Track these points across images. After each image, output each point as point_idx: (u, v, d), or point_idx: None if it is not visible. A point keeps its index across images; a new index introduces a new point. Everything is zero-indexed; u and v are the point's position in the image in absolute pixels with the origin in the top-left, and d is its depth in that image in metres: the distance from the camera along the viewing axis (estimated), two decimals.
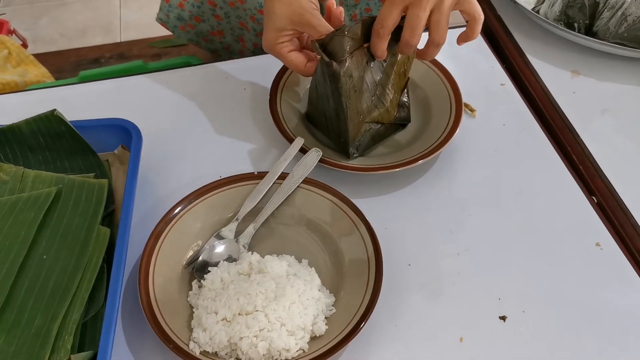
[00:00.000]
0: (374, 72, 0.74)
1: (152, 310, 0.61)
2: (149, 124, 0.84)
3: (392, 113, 0.78)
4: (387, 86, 0.76)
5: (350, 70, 0.71)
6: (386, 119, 0.78)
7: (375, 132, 0.78)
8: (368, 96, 0.74)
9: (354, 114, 0.73)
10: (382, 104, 0.76)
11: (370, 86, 0.74)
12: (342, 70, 0.70)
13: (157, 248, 0.66)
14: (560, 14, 0.92)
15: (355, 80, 0.72)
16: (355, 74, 0.71)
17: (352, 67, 0.71)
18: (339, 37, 0.69)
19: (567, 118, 0.84)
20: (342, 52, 0.70)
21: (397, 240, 0.72)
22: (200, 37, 1.03)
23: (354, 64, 0.71)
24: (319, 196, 0.72)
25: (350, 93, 0.72)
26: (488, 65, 0.94)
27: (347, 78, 0.71)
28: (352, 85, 0.72)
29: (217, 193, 0.72)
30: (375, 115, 0.76)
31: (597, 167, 0.79)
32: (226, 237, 0.69)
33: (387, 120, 0.78)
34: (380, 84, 0.75)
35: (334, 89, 0.71)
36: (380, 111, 0.76)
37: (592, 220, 0.74)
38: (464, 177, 0.79)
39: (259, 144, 0.82)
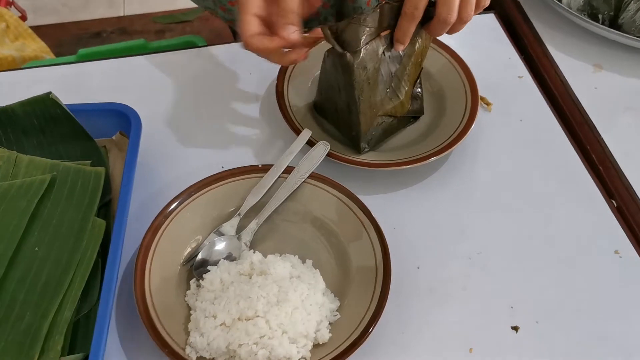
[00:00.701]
0: (390, 63, 0.70)
1: (147, 311, 0.58)
2: (150, 108, 0.80)
3: (407, 106, 0.74)
4: (403, 78, 0.72)
5: (365, 62, 0.67)
6: (400, 111, 0.74)
7: (388, 125, 0.74)
8: (382, 88, 0.70)
9: (366, 107, 0.70)
10: (397, 96, 0.72)
11: (385, 78, 0.70)
12: (356, 61, 0.66)
13: (155, 243, 0.63)
14: (584, 4, 0.87)
15: (369, 72, 0.67)
16: (370, 66, 0.67)
17: (366, 59, 0.67)
18: (355, 25, 0.65)
19: (588, 115, 0.80)
20: (356, 42, 0.66)
21: (406, 241, 0.69)
22: (217, 5, 0.98)
23: (369, 55, 0.67)
24: (326, 193, 0.68)
25: (363, 86, 0.68)
26: (506, 55, 0.90)
27: (361, 70, 0.67)
28: (366, 78, 0.68)
29: (218, 186, 0.68)
30: (389, 108, 0.72)
31: (617, 168, 0.75)
32: (227, 233, 0.66)
33: (400, 113, 0.74)
34: (396, 75, 0.71)
35: (347, 81, 0.67)
36: (395, 104, 0.73)
37: (611, 226, 0.71)
38: (477, 175, 0.75)
39: (264, 133, 0.79)
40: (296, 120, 0.74)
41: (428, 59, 0.78)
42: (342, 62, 0.66)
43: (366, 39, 0.66)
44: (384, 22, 0.68)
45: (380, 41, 0.68)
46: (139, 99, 0.81)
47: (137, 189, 0.71)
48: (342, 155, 0.71)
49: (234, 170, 0.69)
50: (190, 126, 0.79)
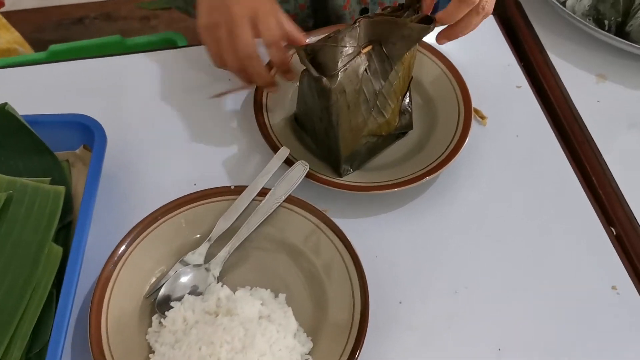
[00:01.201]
0: (374, 81, 0.64)
1: (101, 351, 0.54)
2: (120, 116, 0.75)
3: (394, 123, 0.69)
4: (389, 95, 0.66)
5: (343, 86, 0.61)
6: (386, 130, 0.69)
7: (373, 144, 0.69)
8: (366, 108, 0.65)
9: (346, 131, 0.64)
10: (383, 115, 0.67)
11: (369, 97, 0.64)
12: (333, 86, 0.60)
13: (115, 274, 0.58)
14: (589, 9, 0.81)
15: (349, 95, 0.62)
16: (350, 89, 0.61)
17: (345, 82, 0.61)
18: (331, 46, 0.59)
19: (589, 132, 0.75)
20: (333, 65, 0.60)
21: (388, 272, 0.64)
22: (189, 4, 0.92)
23: (348, 78, 0.61)
24: (303, 219, 0.63)
25: (342, 111, 0.62)
26: (504, 62, 0.84)
27: (339, 95, 0.61)
28: (345, 102, 0.62)
29: (187, 209, 0.63)
30: (374, 127, 0.67)
31: (618, 192, 0.70)
32: (195, 262, 0.61)
33: (387, 131, 0.69)
34: (381, 93, 0.65)
35: (324, 106, 0.62)
36: (380, 123, 0.67)
37: (609, 258, 0.66)
38: (467, 197, 0.70)
39: (242, 147, 0.73)
40: (274, 135, 0.69)
41: (418, 66, 0.72)
42: (317, 86, 0.60)
43: (344, 60, 0.60)
44: (364, 39, 0.62)
45: (361, 59, 0.62)
46: (108, 105, 0.76)
47: (100, 210, 0.66)
48: (322, 176, 0.66)
49: (204, 191, 0.64)
50: (163, 137, 0.74)
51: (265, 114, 0.70)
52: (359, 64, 0.62)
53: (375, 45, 0.63)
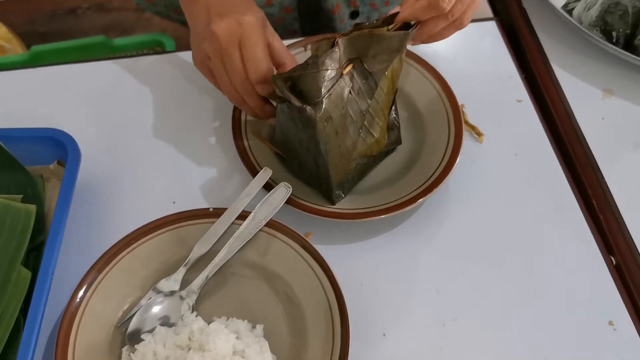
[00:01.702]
0: (360, 101, 0.60)
1: None
2: (98, 128, 0.72)
3: (383, 142, 0.65)
4: (377, 113, 0.62)
5: (329, 112, 0.57)
6: (376, 149, 0.65)
7: (363, 165, 0.65)
8: (354, 131, 0.61)
9: (336, 158, 0.61)
10: (372, 135, 0.63)
11: (356, 118, 0.61)
12: (318, 115, 0.56)
13: (85, 303, 0.56)
14: (597, 19, 0.77)
15: (336, 121, 0.58)
16: (336, 114, 0.58)
17: (331, 108, 0.57)
18: (312, 73, 0.56)
19: (592, 152, 0.71)
20: (316, 92, 0.56)
21: (372, 301, 0.61)
22: (170, 10, 0.88)
23: (334, 103, 0.57)
24: (284, 245, 0.60)
25: (330, 138, 0.59)
26: (505, 73, 0.79)
27: (326, 122, 0.57)
28: (333, 129, 0.58)
29: (163, 232, 0.60)
30: (364, 149, 0.63)
31: (620, 218, 0.66)
32: (169, 289, 0.58)
33: (377, 151, 0.65)
34: (368, 112, 0.61)
35: (310, 136, 0.58)
36: (369, 143, 0.64)
37: (607, 290, 0.62)
38: (459, 221, 0.67)
39: (223, 163, 0.70)
40: (254, 158, 0.65)
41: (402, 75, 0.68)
42: (302, 117, 0.56)
43: (327, 85, 0.56)
44: (344, 58, 0.58)
45: (345, 81, 0.58)
46: (88, 115, 0.74)
47: (73, 230, 0.64)
48: (304, 202, 0.63)
49: (181, 214, 0.61)
50: (142, 152, 0.71)
51: (245, 136, 0.67)
52: (343, 86, 0.58)
53: (356, 63, 0.60)
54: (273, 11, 0.86)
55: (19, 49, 1.12)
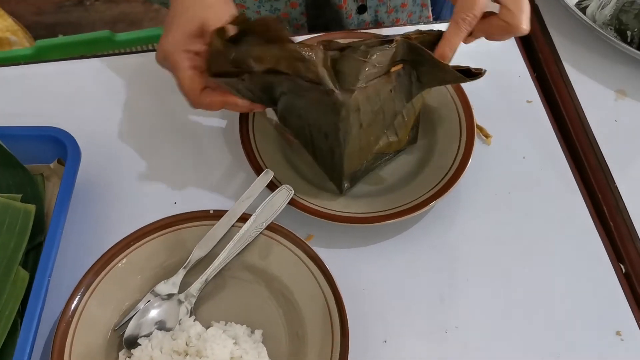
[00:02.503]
0: (398, 101, 0.59)
1: None
2: (99, 126, 0.72)
3: (404, 141, 0.64)
4: (409, 115, 0.61)
5: (359, 104, 0.55)
6: (395, 148, 0.64)
7: (377, 162, 0.64)
8: (380, 128, 0.60)
9: (354, 150, 0.59)
10: (396, 134, 0.62)
11: (387, 117, 0.59)
12: (347, 102, 0.54)
13: (82, 305, 0.55)
14: (611, 18, 0.75)
15: (363, 115, 0.56)
16: (367, 108, 0.56)
17: (362, 100, 0.55)
18: (357, 60, 0.54)
19: (603, 156, 0.69)
20: (353, 79, 0.54)
21: (375, 307, 0.60)
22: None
23: (367, 96, 0.56)
24: (285, 249, 0.59)
25: (352, 129, 0.57)
26: (515, 72, 0.78)
27: (353, 113, 0.55)
28: (357, 121, 0.57)
29: (162, 235, 0.60)
30: (384, 146, 0.62)
31: (630, 226, 0.65)
32: (167, 292, 0.57)
33: (396, 149, 0.64)
34: (401, 113, 0.60)
35: (332, 122, 0.56)
36: (391, 141, 0.62)
37: (615, 299, 0.61)
38: (465, 226, 0.65)
39: (226, 163, 0.69)
40: (259, 156, 0.64)
41: None
42: (328, 100, 0.54)
43: (369, 76, 0.54)
44: (396, 58, 0.56)
45: (389, 79, 0.57)
46: (89, 111, 0.73)
47: (73, 230, 0.63)
48: (308, 204, 0.61)
49: (180, 216, 0.60)
50: (144, 150, 0.70)
51: (252, 133, 0.66)
52: (384, 83, 0.56)
53: (407, 65, 0.58)
54: (279, 6, 0.85)
55: (25, 41, 1.11)
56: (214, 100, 0.59)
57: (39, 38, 1.25)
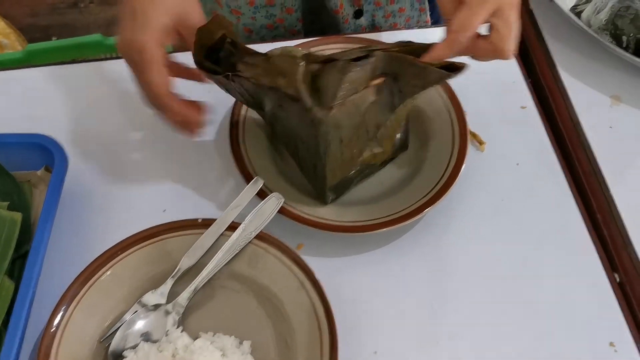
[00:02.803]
0: (380, 114, 0.58)
1: None
2: (87, 132, 0.71)
3: (389, 152, 0.63)
4: (393, 126, 0.60)
5: (339, 120, 0.55)
6: (381, 158, 0.63)
7: (363, 172, 0.63)
8: (363, 140, 0.59)
9: (336, 164, 0.58)
10: (380, 146, 0.61)
11: (370, 130, 0.58)
12: (327, 120, 0.54)
13: (68, 317, 0.54)
14: (607, 23, 0.74)
15: (344, 130, 0.56)
16: (347, 123, 0.55)
17: (341, 117, 0.54)
18: (335, 75, 0.53)
19: (597, 163, 0.68)
20: (331, 95, 0.53)
21: (365, 317, 0.59)
22: None
23: (347, 112, 0.55)
24: (274, 258, 0.58)
25: (333, 144, 0.56)
26: (509, 77, 0.77)
27: (333, 129, 0.55)
28: (338, 137, 0.56)
29: (150, 244, 0.59)
30: (368, 157, 0.61)
31: (625, 234, 0.64)
32: (155, 302, 0.56)
33: (380, 160, 0.63)
34: (385, 125, 0.59)
35: (312, 135, 0.56)
36: (375, 152, 0.61)
37: (609, 309, 0.60)
38: (457, 235, 0.64)
39: (216, 170, 0.68)
40: (250, 163, 0.63)
41: None
42: (308, 116, 0.54)
43: (347, 93, 0.54)
44: (376, 71, 0.56)
45: (369, 92, 0.56)
46: (78, 117, 0.72)
47: (60, 238, 0.62)
48: (298, 212, 0.61)
49: (168, 225, 0.60)
50: (133, 156, 0.69)
51: (242, 140, 0.65)
52: (365, 97, 0.55)
53: (389, 78, 0.57)
54: (275, 12, 0.84)
55: (17, 44, 1.10)
56: (176, 105, 0.58)
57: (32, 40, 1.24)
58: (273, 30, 0.86)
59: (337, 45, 0.71)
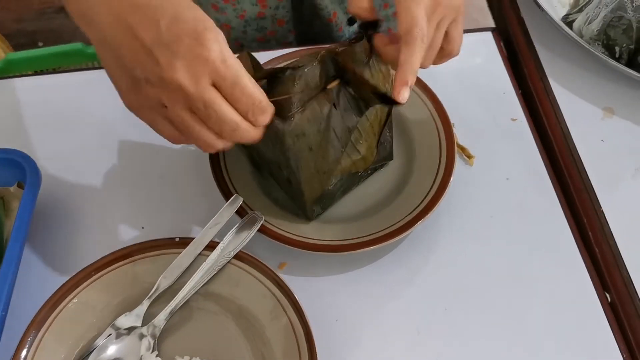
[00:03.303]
0: (347, 117, 0.56)
1: None
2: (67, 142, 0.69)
3: (370, 158, 0.61)
4: (365, 129, 0.58)
5: (302, 128, 0.53)
6: (362, 166, 0.61)
7: (347, 182, 0.62)
8: (337, 146, 0.57)
9: (311, 175, 0.56)
10: (357, 151, 0.59)
11: (340, 135, 0.56)
12: (287, 131, 0.52)
13: (37, 343, 0.52)
14: (599, 33, 0.72)
15: (310, 137, 0.54)
16: (311, 130, 0.54)
17: (304, 124, 0.53)
18: (286, 84, 0.51)
19: (589, 178, 0.66)
20: (288, 105, 0.52)
21: (347, 339, 0.57)
22: None
23: (308, 119, 0.53)
24: (253, 279, 0.56)
25: (302, 154, 0.55)
26: (500, 88, 0.75)
27: (297, 138, 0.53)
28: (306, 145, 0.54)
29: (125, 264, 0.57)
30: (348, 165, 0.59)
31: (617, 253, 0.62)
32: (128, 326, 0.54)
33: (363, 167, 0.61)
34: (356, 128, 0.57)
35: (280, 151, 0.54)
36: (355, 159, 0.59)
37: (600, 329, 0.58)
38: (443, 253, 0.62)
39: (198, 185, 0.66)
40: (230, 180, 0.61)
41: None
42: (271, 131, 0.52)
43: (302, 100, 0.52)
44: (329, 73, 0.54)
45: (327, 97, 0.54)
46: (54, 130, 0.70)
47: (34, 259, 0.60)
48: (278, 231, 0.59)
49: (145, 244, 0.58)
50: (110, 172, 0.67)
51: (222, 156, 0.63)
52: (323, 102, 0.54)
53: (342, 81, 0.56)
54: (266, 24, 0.82)
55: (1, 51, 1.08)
56: None
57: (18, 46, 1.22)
58: (265, 43, 0.84)
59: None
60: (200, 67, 0.43)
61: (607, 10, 0.70)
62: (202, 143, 0.48)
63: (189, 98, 0.44)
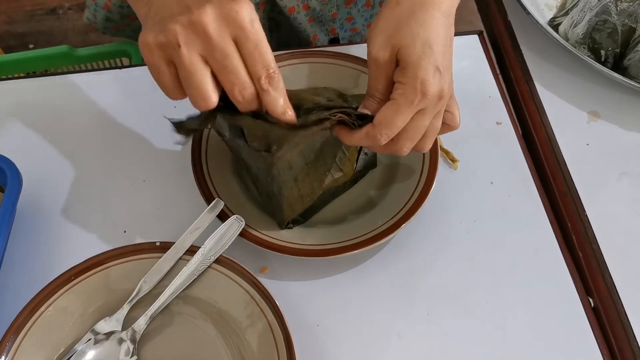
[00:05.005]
0: (335, 144, 0.56)
1: None
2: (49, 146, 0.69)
3: (351, 172, 0.61)
4: (350, 150, 0.59)
5: (291, 162, 0.53)
6: (343, 181, 0.61)
7: (328, 194, 0.61)
8: (320, 173, 0.57)
9: (294, 199, 0.57)
10: (340, 170, 0.59)
11: (328, 160, 0.57)
12: (278, 163, 0.52)
13: (15, 349, 0.52)
14: (584, 37, 0.72)
15: (298, 169, 0.54)
16: (300, 163, 0.54)
17: (293, 158, 0.53)
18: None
19: (573, 181, 0.66)
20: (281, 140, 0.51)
21: (328, 344, 0.57)
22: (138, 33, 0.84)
23: (301, 153, 0.53)
24: (234, 283, 0.56)
25: (287, 185, 0.55)
26: (486, 92, 0.75)
27: (284, 170, 0.53)
28: (293, 177, 0.54)
29: (105, 268, 0.57)
30: (330, 183, 0.59)
31: (600, 257, 0.62)
32: (107, 331, 0.54)
33: (343, 181, 0.61)
34: (342, 150, 0.58)
35: (265, 173, 0.54)
36: (337, 177, 0.60)
37: (583, 335, 0.58)
38: (426, 256, 0.62)
39: (180, 189, 0.66)
40: (212, 183, 0.61)
41: None
42: (258, 154, 0.51)
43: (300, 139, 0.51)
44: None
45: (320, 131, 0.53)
46: (37, 134, 0.70)
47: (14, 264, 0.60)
48: (260, 235, 0.59)
49: (125, 248, 0.57)
50: (92, 176, 0.67)
51: (205, 159, 0.63)
52: (314, 136, 0.53)
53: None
54: None
55: None
56: None
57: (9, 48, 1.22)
58: None
59: (301, 59, 0.69)
60: (230, 20, 0.44)
61: (591, 14, 0.70)
62: (198, 94, 0.47)
63: (209, 45, 0.44)
